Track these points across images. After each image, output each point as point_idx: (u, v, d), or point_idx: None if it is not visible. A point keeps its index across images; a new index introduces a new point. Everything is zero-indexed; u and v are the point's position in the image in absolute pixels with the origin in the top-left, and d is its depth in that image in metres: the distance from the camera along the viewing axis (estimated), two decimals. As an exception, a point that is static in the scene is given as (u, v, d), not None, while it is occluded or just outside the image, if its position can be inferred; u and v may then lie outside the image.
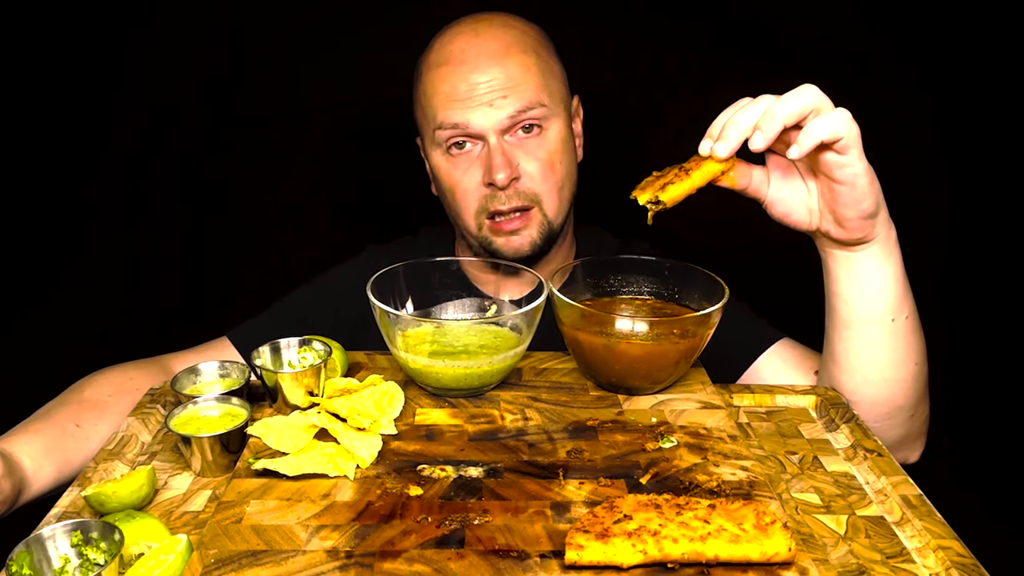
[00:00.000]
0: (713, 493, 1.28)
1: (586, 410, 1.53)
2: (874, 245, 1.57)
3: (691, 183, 1.46)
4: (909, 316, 1.63)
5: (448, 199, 2.02)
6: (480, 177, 1.92)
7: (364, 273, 2.07)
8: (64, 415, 1.69)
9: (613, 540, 1.11)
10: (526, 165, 1.92)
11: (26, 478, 1.52)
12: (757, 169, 1.58)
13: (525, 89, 1.90)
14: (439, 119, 1.92)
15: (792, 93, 1.41)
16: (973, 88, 2.69)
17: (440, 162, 1.98)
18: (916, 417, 1.73)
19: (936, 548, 1.24)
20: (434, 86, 1.94)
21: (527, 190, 1.93)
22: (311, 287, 2.21)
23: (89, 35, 2.71)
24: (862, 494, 1.40)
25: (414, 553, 1.14)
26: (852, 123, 1.42)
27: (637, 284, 1.75)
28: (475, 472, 1.33)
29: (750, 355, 1.95)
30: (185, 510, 1.33)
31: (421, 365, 1.54)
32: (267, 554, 1.14)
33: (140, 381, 1.83)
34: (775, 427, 1.61)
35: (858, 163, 1.45)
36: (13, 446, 1.55)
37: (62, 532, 1.16)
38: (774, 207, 1.60)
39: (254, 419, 1.44)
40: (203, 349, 2.05)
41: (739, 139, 1.43)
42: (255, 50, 2.78)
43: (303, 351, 1.60)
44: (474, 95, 1.89)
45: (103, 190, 2.84)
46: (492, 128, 1.89)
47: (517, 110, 1.89)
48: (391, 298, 1.68)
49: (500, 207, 1.92)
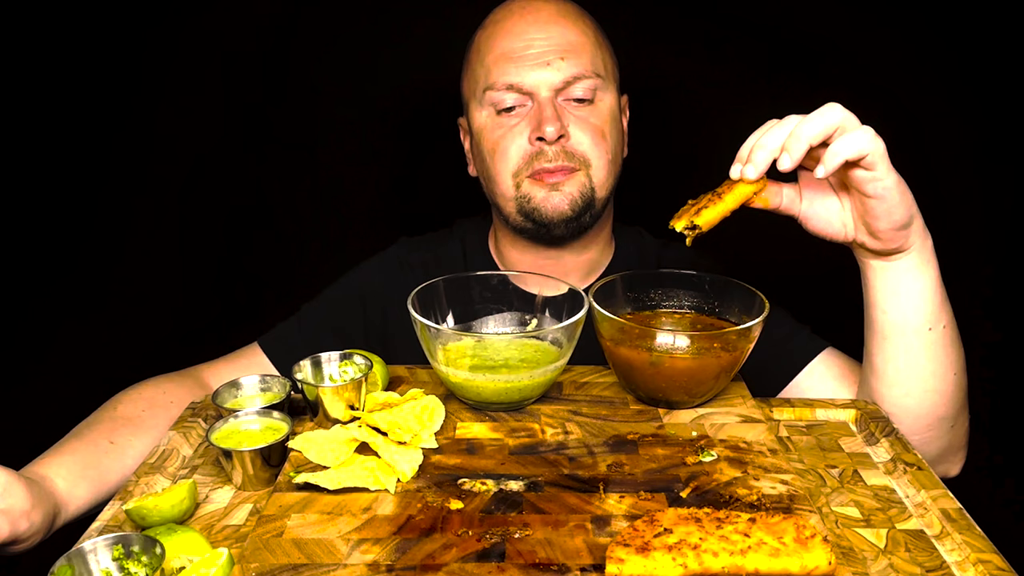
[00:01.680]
0: (753, 507, 1.28)
1: (626, 424, 1.53)
2: (910, 254, 1.57)
3: (724, 206, 1.49)
4: (947, 325, 1.63)
5: (487, 163, 1.96)
6: (527, 134, 1.88)
7: (396, 265, 2.06)
8: (98, 433, 1.67)
9: (654, 554, 1.11)
10: (576, 130, 1.88)
11: (61, 501, 1.50)
12: (788, 187, 1.58)
13: (583, 54, 1.89)
14: (491, 78, 1.90)
15: (817, 113, 1.42)
16: (1009, 95, 2.67)
17: (485, 122, 1.94)
18: (957, 428, 1.72)
19: (976, 562, 1.23)
20: (488, 43, 1.93)
21: (575, 150, 1.88)
22: (341, 284, 2.16)
23: (130, 50, 2.74)
24: (902, 508, 1.39)
25: (455, 567, 1.14)
26: (876, 139, 1.42)
27: (678, 298, 1.75)
28: (516, 486, 1.33)
29: (795, 367, 1.93)
30: (226, 524, 1.34)
31: (462, 379, 1.54)
32: (308, 567, 1.14)
33: (174, 394, 1.82)
34: (815, 441, 1.60)
35: (887, 177, 1.45)
36: (47, 469, 1.53)
37: (103, 546, 1.17)
38: (808, 222, 1.61)
39: (295, 433, 1.45)
40: (234, 358, 2.03)
41: (767, 160, 1.45)
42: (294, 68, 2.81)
43: (344, 365, 1.61)
44: (530, 53, 1.87)
45: (140, 206, 2.87)
46: (546, 85, 1.86)
47: (573, 75, 1.87)
48: (432, 312, 1.68)
49: (546, 164, 1.87)
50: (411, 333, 1.60)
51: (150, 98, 2.79)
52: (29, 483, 1.42)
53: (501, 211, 1.99)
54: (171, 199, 2.87)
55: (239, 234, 2.96)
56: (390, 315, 2.08)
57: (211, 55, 2.75)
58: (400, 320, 1.90)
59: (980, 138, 2.70)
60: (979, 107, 2.68)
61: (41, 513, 1.42)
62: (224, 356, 2.04)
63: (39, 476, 1.50)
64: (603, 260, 2.10)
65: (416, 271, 2.09)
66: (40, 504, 1.42)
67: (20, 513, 1.37)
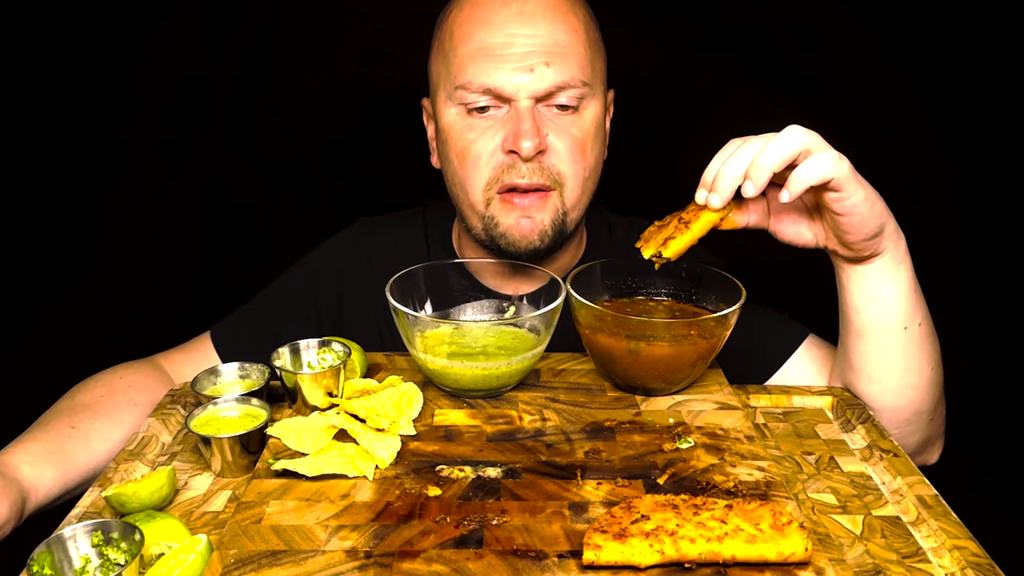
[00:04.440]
0: (730, 493, 1.29)
1: (604, 411, 1.54)
2: (883, 257, 1.57)
3: (691, 236, 1.52)
4: (923, 323, 1.63)
5: (455, 166, 1.79)
6: (499, 143, 1.72)
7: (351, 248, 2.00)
8: (58, 420, 1.65)
9: (631, 540, 1.11)
10: (555, 141, 1.72)
11: (27, 487, 1.49)
12: (754, 205, 1.59)
13: (571, 59, 1.71)
14: (465, 77, 1.71)
15: (778, 139, 1.41)
16: (981, 100, 2.70)
17: (454, 121, 1.76)
18: (935, 420, 1.74)
19: (952, 548, 1.24)
20: (464, 31, 1.73)
21: (551, 168, 1.73)
22: (292, 276, 2.05)
23: (100, 41, 2.77)
24: (878, 494, 1.40)
25: (433, 553, 1.15)
26: (840, 162, 1.42)
27: (655, 285, 1.75)
28: (493, 472, 1.34)
29: (778, 359, 1.90)
30: (205, 510, 1.34)
31: (440, 366, 1.54)
32: (286, 554, 1.15)
33: (131, 379, 1.79)
34: (792, 428, 1.61)
35: (854, 195, 1.45)
36: (11, 457, 1.52)
37: (83, 532, 1.17)
38: (779, 234, 1.62)
39: (274, 420, 1.46)
40: (189, 348, 1.97)
41: (731, 188, 1.45)
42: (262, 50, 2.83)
43: (322, 352, 1.61)
44: (510, 53, 1.68)
45: (109, 195, 2.89)
46: (526, 93, 1.69)
47: (557, 84, 1.69)
48: (410, 299, 1.68)
49: (518, 181, 1.71)
50: (366, 317, 1.58)
51: (127, 86, 2.80)
52: None
53: (465, 219, 1.86)
54: (148, 188, 2.89)
55: (214, 223, 2.98)
56: (345, 299, 1.99)
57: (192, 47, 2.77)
58: (354, 304, 1.89)
59: (954, 139, 2.73)
60: (953, 109, 2.72)
61: (8, 503, 1.41)
62: (180, 345, 1.99)
63: (4, 465, 1.50)
64: (576, 256, 2.00)
65: (373, 255, 2.01)
66: (5, 494, 1.42)
67: None
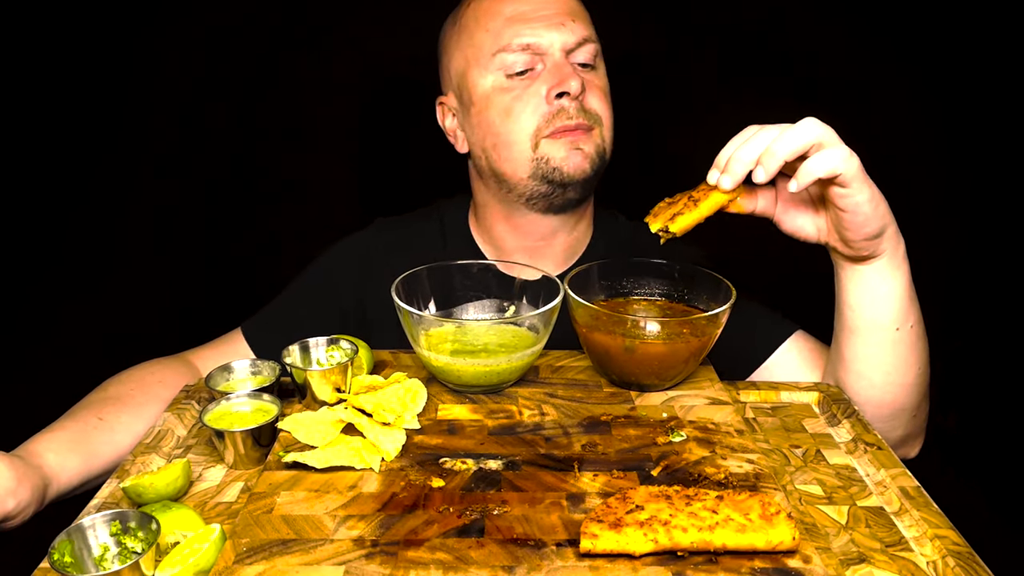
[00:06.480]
0: (721, 485, 1.32)
1: (600, 406, 1.57)
2: (881, 259, 1.59)
3: (699, 213, 1.53)
4: (914, 325, 1.65)
5: (497, 126, 1.88)
6: (544, 93, 1.83)
7: (371, 246, 2.05)
8: (87, 411, 1.68)
9: (626, 529, 1.15)
10: (588, 88, 1.87)
11: (50, 473, 1.51)
12: (763, 193, 1.61)
13: (586, 20, 1.89)
14: (503, 40, 1.84)
15: (793, 129, 1.44)
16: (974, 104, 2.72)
17: (493, 88, 1.88)
18: (918, 417, 1.76)
19: (933, 537, 1.27)
20: (493, 9, 1.88)
21: (592, 108, 1.86)
22: (314, 272, 2.12)
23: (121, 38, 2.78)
24: (862, 486, 1.43)
25: (436, 542, 1.18)
26: (851, 158, 1.45)
27: (649, 286, 1.79)
28: (494, 465, 1.37)
29: (764, 352, 1.93)
30: (219, 501, 1.37)
31: (443, 363, 1.58)
32: (296, 543, 1.18)
33: (161, 374, 1.82)
34: (780, 422, 1.64)
35: (860, 193, 1.48)
36: (37, 445, 1.55)
37: (102, 522, 1.20)
38: (783, 224, 1.64)
39: (284, 414, 1.48)
40: (219, 343, 2.02)
41: (743, 172, 1.48)
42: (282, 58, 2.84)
43: (331, 349, 1.64)
44: (541, 14, 1.84)
45: (138, 195, 2.90)
46: (559, 45, 1.84)
47: (583, 36, 1.86)
48: (415, 298, 1.70)
49: (567, 122, 1.82)
50: (387, 314, 1.62)
51: (142, 85, 2.81)
52: (13, 461, 1.44)
53: (506, 181, 1.92)
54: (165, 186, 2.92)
55: (228, 221, 2.98)
56: (367, 297, 2.04)
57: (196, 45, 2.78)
58: (377, 301, 1.91)
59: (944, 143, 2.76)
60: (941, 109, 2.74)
61: (29, 488, 1.43)
62: (210, 342, 2.03)
63: (29, 452, 1.52)
64: (584, 241, 2.06)
65: (392, 252, 2.06)
66: (27, 479, 1.43)
67: (5, 492, 1.39)
